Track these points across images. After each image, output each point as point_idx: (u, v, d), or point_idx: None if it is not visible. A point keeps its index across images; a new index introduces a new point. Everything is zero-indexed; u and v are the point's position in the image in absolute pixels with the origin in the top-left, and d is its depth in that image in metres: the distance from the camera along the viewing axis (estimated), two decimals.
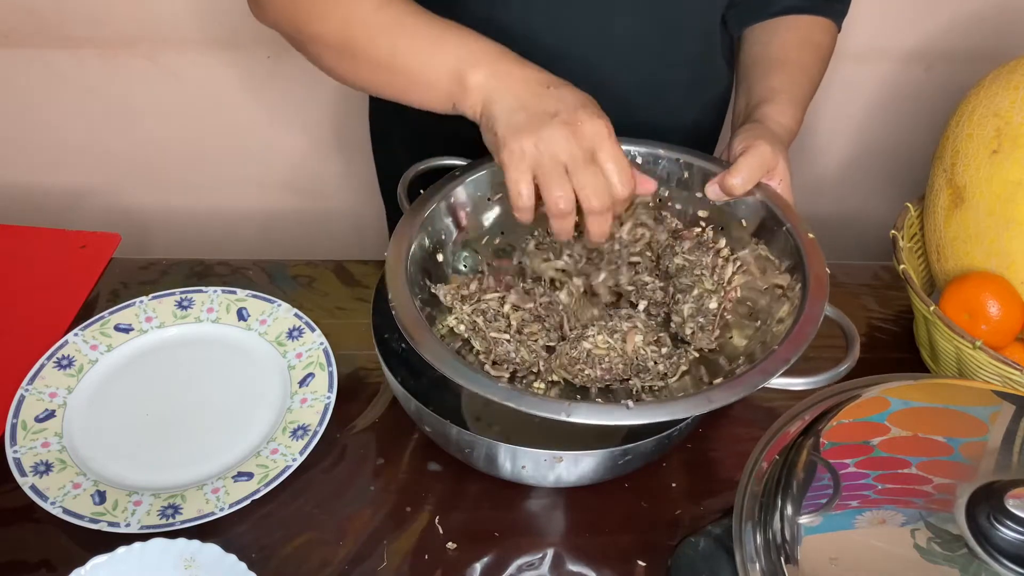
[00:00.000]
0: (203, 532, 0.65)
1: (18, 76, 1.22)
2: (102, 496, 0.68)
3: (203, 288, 0.86)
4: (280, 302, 0.85)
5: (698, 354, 0.72)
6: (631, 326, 0.70)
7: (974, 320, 0.78)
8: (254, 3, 0.74)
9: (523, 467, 0.67)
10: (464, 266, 0.76)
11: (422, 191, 0.74)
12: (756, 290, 0.73)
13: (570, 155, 0.61)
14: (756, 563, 0.52)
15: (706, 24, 0.86)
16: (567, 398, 0.68)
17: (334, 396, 0.76)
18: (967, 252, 0.82)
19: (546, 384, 0.69)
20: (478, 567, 0.67)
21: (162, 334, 0.83)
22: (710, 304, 0.71)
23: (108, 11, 1.16)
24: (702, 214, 0.77)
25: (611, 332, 0.70)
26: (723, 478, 0.75)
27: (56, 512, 0.67)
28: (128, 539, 0.61)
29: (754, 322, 0.71)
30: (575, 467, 0.66)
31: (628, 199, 0.64)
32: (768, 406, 0.81)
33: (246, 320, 0.84)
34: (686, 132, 0.90)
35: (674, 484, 0.74)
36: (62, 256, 0.93)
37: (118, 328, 0.82)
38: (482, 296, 0.72)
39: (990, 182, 0.79)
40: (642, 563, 0.68)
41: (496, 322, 0.70)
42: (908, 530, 0.49)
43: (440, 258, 0.73)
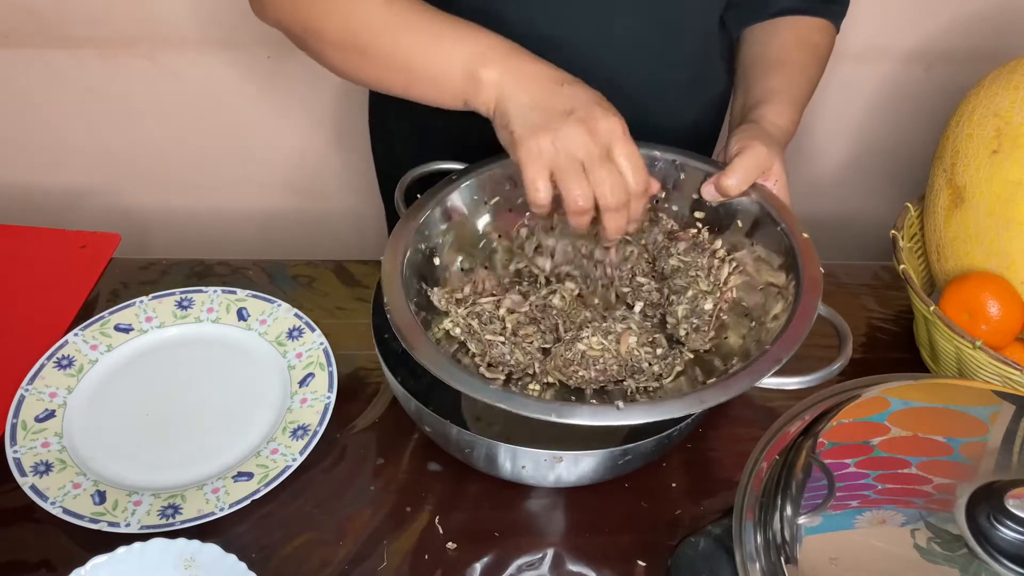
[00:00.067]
0: (203, 532, 0.65)
1: (18, 76, 1.22)
2: (102, 496, 0.69)
3: (203, 288, 0.86)
4: (280, 302, 0.85)
5: (693, 355, 0.72)
6: (625, 327, 0.70)
7: (974, 320, 0.78)
8: (256, 1, 0.74)
9: (523, 467, 0.67)
10: (462, 269, 0.76)
11: (419, 195, 0.74)
12: (751, 289, 0.73)
13: (587, 153, 0.62)
14: (756, 563, 0.52)
15: (705, 24, 0.86)
16: (562, 399, 0.68)
17: (334, 396, 0.76)
18: (967, 252, 0.82)
19: (541, 386, 0.69)
20: (478, 567, 0.67)
21: (162, 334, 0.83)
22: (705, 305, 0.71)
23: (108, 11, 1.16)
24: (698, 215, 0.77)
25: (605, 333, 0.70)
26: (723, 478, 0.75)
27: (56, 512, 0.67)
28: (128, 539, 0.61)
29: (749, 321, 0.71)
30: (575, 467, 0.66)
31: (644, 195, 0.65)
32: (768, 406, 0.81)
33: (246, 320, 0.84)
34: (685, 132, 0.90)
35: (674, 484, 0.74)
36: (62, 256, 0.93)
37: (118, 328, 0.82)
38: (477, 299, 0.72)
39: (990, 182, 0.79)
40: (642, 563, 0.68)
41: (491, 325, 0.70)
42: (908, 530, 0.49)
43: (437, 262, 0.73)
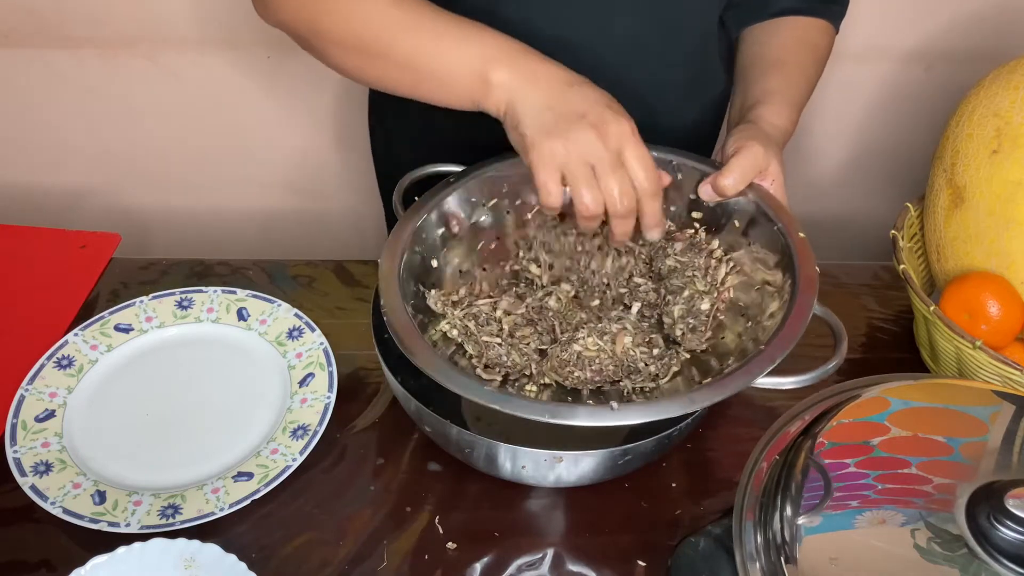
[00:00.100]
0: (203, 532, 0.65)
1: (18, 76, 1.22)
2: (102, 496, 0.69)
3: (203, 288, 0.86)
4: (280, 302, 0.85)
5: (689, 355, 0.72)
6: (621, 328, 0.70)
7: (974, 320, 0.78)
8: (260, 2, 0.74)
9: (523, 467, 0.67)
10: (460, 271, 0.76)
11: (417, 198, 0.74)
12: (748, 288, 0.73)
13: (598, 158, 0.63)
14: (756, 563, 0.52)
15: (705, 24, 0.86)
16: (558, 400, 0.68)
17: (334, 396, 0.76)
18: (967, 252, 0.82)
19: (538, 387, 0.69)
20: (478, 567, 0.67)
21: (162, 334, 0.83)
22: (702, 305, 0.71)
23: (108, 11, 1.16)
24: (695, 215, 0.77)
25: (601, 334, 0.70)
26: (723, 478, 0.75)
27: (56, 512, 0.67)
28: (128, 539, 0.61)
29: (745, 320, 0.71)
30: (575, 467, 0.66)
31: (656, 195, 0.66)
32: (768, 406, 0.81)
33: (246, 320, 0.84)
34: (685, 132, 0.90)
35: (674, 484, 0.74)
36: (62, 256, 0.93)
37: (118, 328, 0.82)
38: (474, 301, 0.72)
39: (990, 182, 0.79)
40: (642, 563, 0.68)
41: (488, 326, 0.70)
42: (908, 530, 0.49)
43: (434, 264, 0.73)
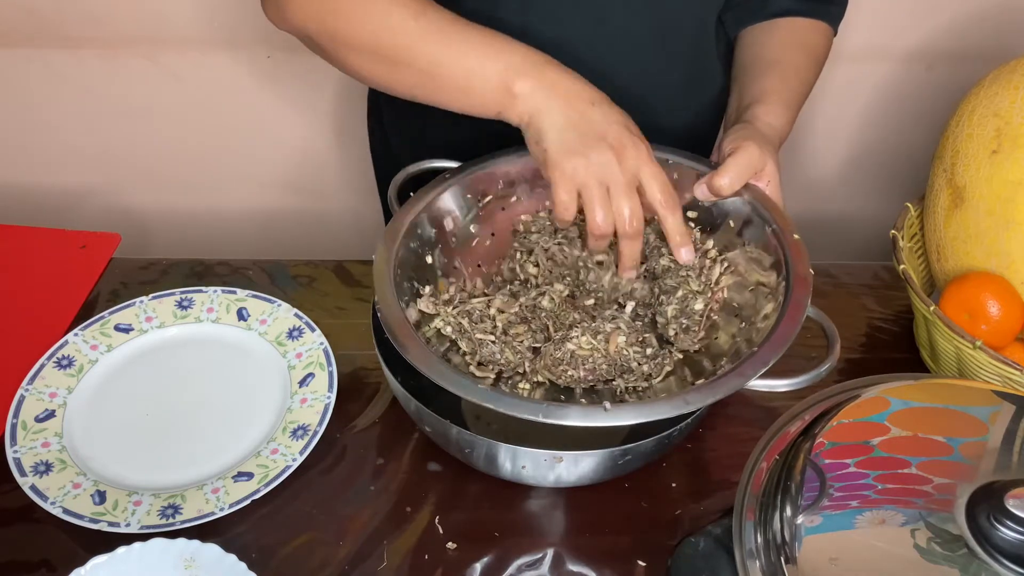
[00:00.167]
0: (203, 532, 0.65)
1: (18, 76, 1.22)
2: (102, 496, 0.68)
3: (203, 288, 0.86)
4: (280, 302, 0.85)
5: (682, 355, 0.72)
6: (614, 327, 0.70)
7: (974, 320, 0.78)
8: (274, 6, 0.73)
9: (523, 467, 0.67)
10: (454, 267, 0.76)
11: (412, 193, 0.74)
12: (742, 288, 0.73)
13: (614, 179, 0.66)
14: (756, 563, 0.52)
15: (702, 24, 0.86)
16: (552, 399, 0.68)
17: (334, 396, 0.76)
18: (967, 252, 0.82)
19: (531, 385, 0.69)
20: (478, 567, 0.67)
21: (162, 334, 0.83)
22: (695, 305, 0.71)
23: (108, 11, 1.16)
24: (690, 215, 0.77)
25: (594, 333, 0.70)
26: (723, 478, 0.75)
27: (56, 512, 0.67)
28: (128, 539, 0.61)
29: (739, 321, 0.71)
30: (575, 467, 0.66)
31: (675, 208, 0.69)
32: (768, 406, 0.81)
33: (246, 320, 0.84)
34: (682, 132, 0.90)
35: (674, 484, 0.74)
36: (62, 256, 0.93)
37: (118, 328, 0.82)
38: (467, 299, 0.72)
39: (990, 182, 0.79)
40: (642, 563, 0.68)
41: (482, 324, 0.70)
42: (908, 530, 0.49)
43: (429, 260, 0.73)
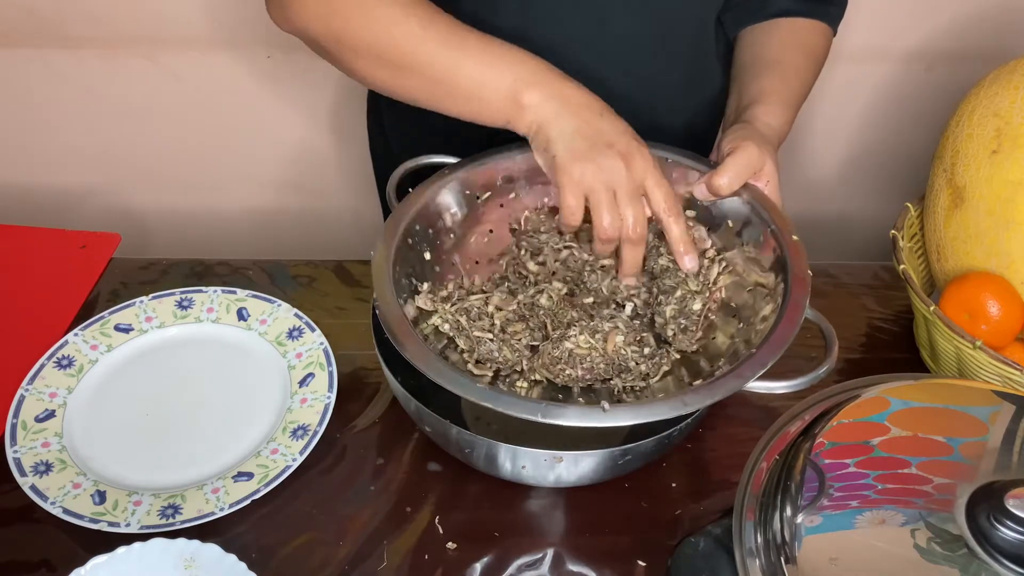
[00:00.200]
0: (203, 532, 0.65)
1: (18, 76, 1.22)
2: (102, 496, 0.68)
3: (203, 288, 0.86)
4: (280, 302, 0.85)
5: (680, 355, 0.72)
6: (613, 326, 0.70)
7: (974, 320, 0.78)
8: (278, 7, 0.73)
9: (523, 467, 0.67)
10: (453, 263, 0.76)
11: (411, 189, 0.74)
12: (740, 288, 0.73)
13: (620, 185, 0.67)
14: (756, 563, 0.52)
15: (702, 24, 0.86)
16: (549, 398, 0.68)
17: (334, 396, 0.76)
18: (967, 252, 0.82)
19: (529, 383, 0.69)
20: (478, 567, 0.67)
21: (162, 334, 0.83)
22: (694, 305, 0.71)
23: (108, 11, 1.16)
24: (689, 214, 0.77)
25: (593, 332, 0.70)
26: (723, 478, 0.75)
27: (56, 512, 0.67)
28: (128, 539, 0.61)
29: (737, 321, 0.71)
30: (575, 467, 0.66)
31: (678, 215, 0.70)
32: (768, 406, 0.80)
33: (246, 320, 0.84)
34: (681, 132, 0.90)
35: (674, 484, 0.74)
36: (62, 256, 0.93)
37: (118, 328, 0.82)
38: (465, 296, 0.72)
39: (990, 182, 0.79)
40: (642, 563, 0.68)
41: (480, 321, 0.70)
42: (908, 530, 0.49)
43: (427, 256, 0.73)
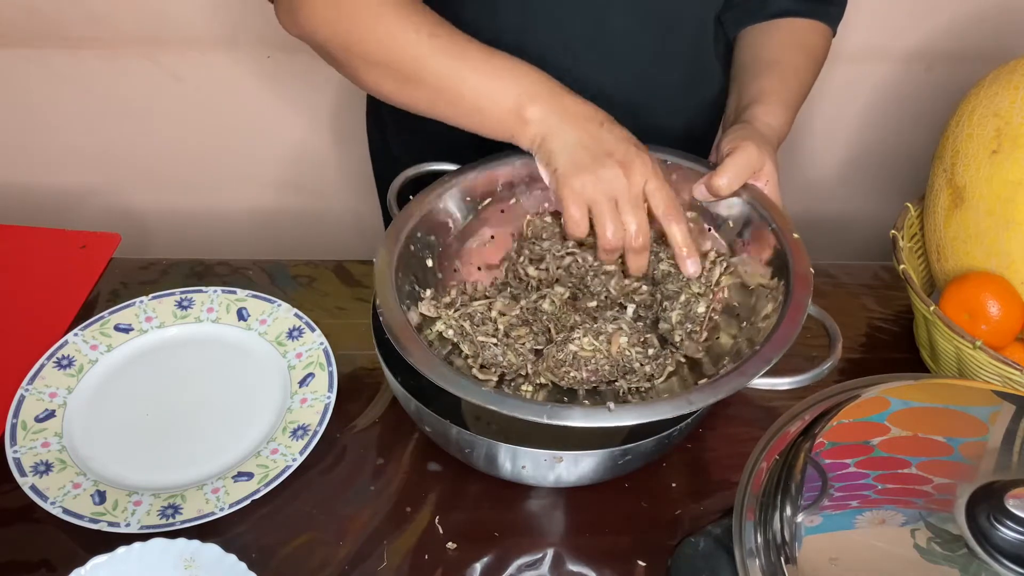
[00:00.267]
0: (203, 532, 0.65)
1: (18, 76, 1.22)
2: (102, 496, 0.68)
3: (203, 288, 0.86)
4: (280, 302, 0.85)
5: (684, 357, 0.72)
6: (616, 328, 0.70)
7: (974, 320, 0.78)
8: (286, 11, 0.73)
9: (523, 467, 0.67)
10: (455, 269, 0.76)
11: (412, 197, 0.74)
12: (742, 289, 0.73)
13: (621, 194, 0.68)
14: (756, 562, 0.52)
15: (701, 24, 0.86)
16: (554, 400, 0.68)
17: (334, 396, 0.76)
18: (967, 252, 0.82)
19: (534, 387, 0.69)
20: (478, 567, 0.67)
21: (162, 334, 0.83)
22: (698, 308, 0.71)
23: (108, 11, 1.16)
24: (689, 216, 0.77)
25: (596, 334, 0.70)
26: (723, 478, 0.75)
27: (56, 512, 0.67)
28: (128, 539, 0.61)
29: (739, 321, 0.71)
30: (575, 467, 0.66)
31: (680, 219, 0.70)
32: (768, 406, 0.81)
33: (246, 320, 0.84)
34: (681, 133, 0.90)
35: (674, 484, 0.74)
36: (62, 256, 0.93)
37: (118, 328, 0.82)
38: (468, 302, 0.72)
39: (990, 182, 0.79)
40: (642, 563, 0.68)
41: (484, 326, 0.70)
42: (908, 530, 0.49)
43: (429, 263, 0.73)
